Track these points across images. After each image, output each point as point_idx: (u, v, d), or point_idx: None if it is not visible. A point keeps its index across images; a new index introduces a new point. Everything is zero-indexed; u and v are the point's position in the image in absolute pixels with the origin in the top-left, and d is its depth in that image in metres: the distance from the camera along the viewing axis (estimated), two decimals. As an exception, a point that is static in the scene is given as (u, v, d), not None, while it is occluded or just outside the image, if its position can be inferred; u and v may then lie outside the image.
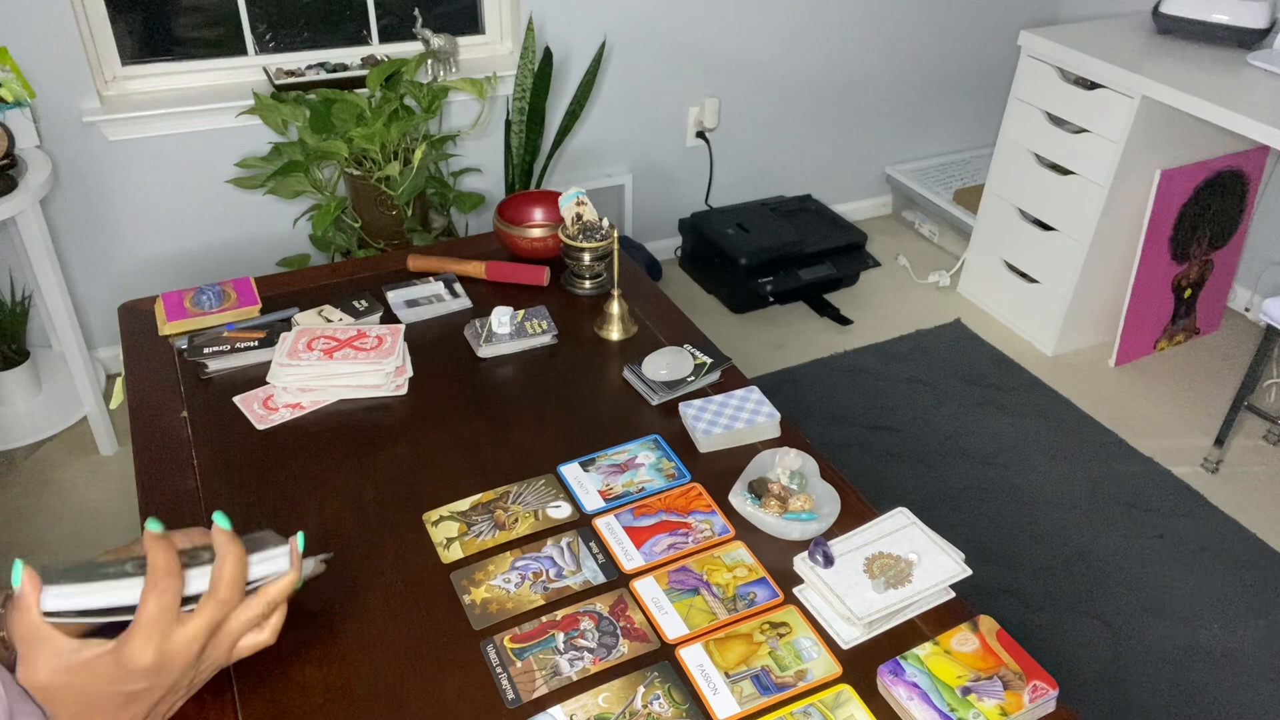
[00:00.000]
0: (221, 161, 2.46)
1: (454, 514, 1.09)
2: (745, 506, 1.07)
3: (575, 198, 1.48)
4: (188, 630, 0.72)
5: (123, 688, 0.71)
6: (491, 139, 2.75)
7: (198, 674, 0.76)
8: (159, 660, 0.71)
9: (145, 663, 0.70)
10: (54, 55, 2.19)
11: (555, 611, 0.97)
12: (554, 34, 2.70)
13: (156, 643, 0.71)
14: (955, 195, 3.26)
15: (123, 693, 0.72)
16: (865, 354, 2.80)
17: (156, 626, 0.71)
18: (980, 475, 2.35)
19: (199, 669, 0.76)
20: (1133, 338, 2.78)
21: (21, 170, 2.05)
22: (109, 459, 2.35)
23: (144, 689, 0.72)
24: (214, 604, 0.74)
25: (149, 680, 0.72)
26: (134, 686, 0.71)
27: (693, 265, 3.16)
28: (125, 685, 0.71)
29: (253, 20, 2.46)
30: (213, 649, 0.75)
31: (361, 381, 1.26)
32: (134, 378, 1.30)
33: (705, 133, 3.08)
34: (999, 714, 0.87)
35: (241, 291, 1.44)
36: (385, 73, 2.23)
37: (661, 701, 0.89)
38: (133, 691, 0.72)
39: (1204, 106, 2.25)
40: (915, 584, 0.98)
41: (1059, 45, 2.61)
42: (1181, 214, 2.68)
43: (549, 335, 1.39)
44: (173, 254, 2.54)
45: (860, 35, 3.16)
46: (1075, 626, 1.97)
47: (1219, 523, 2.23)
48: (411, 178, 2.21)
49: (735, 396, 1.25)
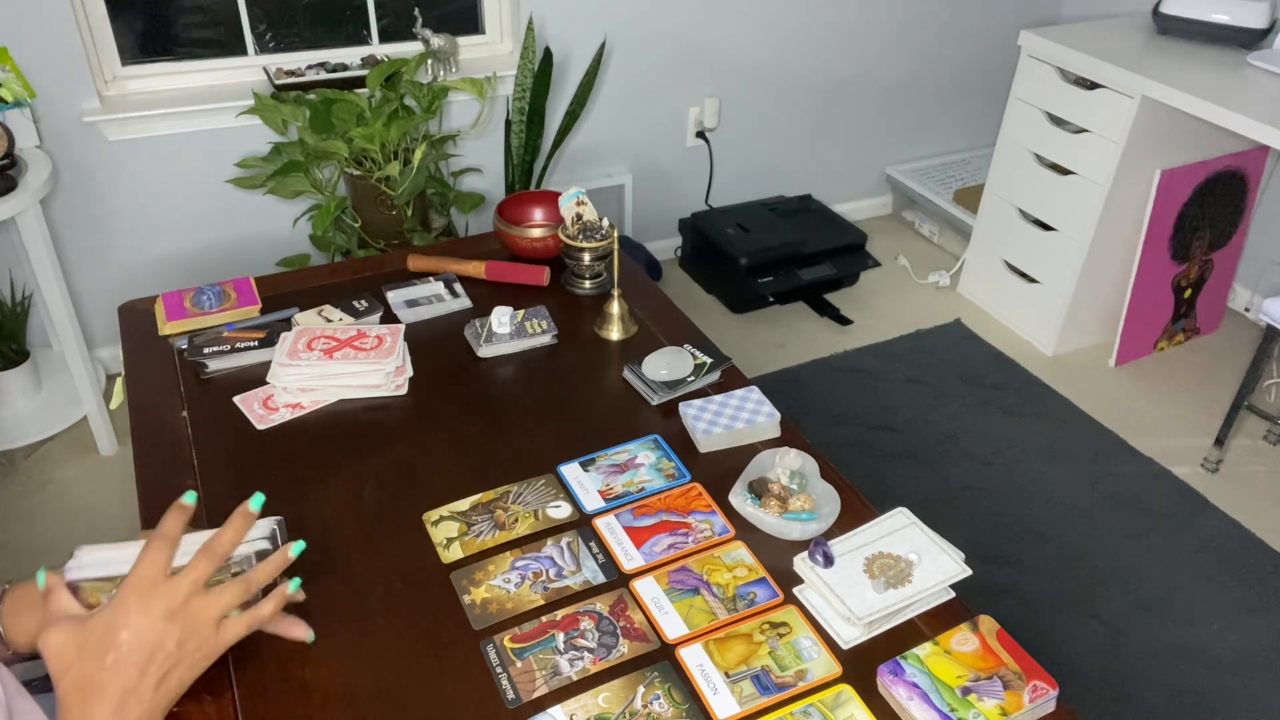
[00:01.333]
0: (221, 161, 2.46)
1: (454, 514, 1.09)
2: (745, 506, 1.07)
3: (575, 198, 1.48)
4: (172, 581, 0.79)
5: (113, 639, 0.75)
6: (491, 139, 2.75)
7: (186, 640, 0.78)
8: (142, 603, 0.77)
9: (129, 605, 0.76)
10: (54, 55, 2.19)
11: (555, 611, 0.97)
12: (554, 34, 2.70)
13: (145, 588, 0.77)
14: (955, 195, 3.26)
15: (113, 646, 0.75)
16: (865, 354, 2.80)
17: (145, 578, 0.77)
18: (980, 475, 2.35)
19: (185, 630, 0.78)
20: (1133, 338, 2.78)
21: (21, 170, 2.05)
22: (109, 459, 2.35)
23: (132, 639, 0.76)
24: (203, 555, 0.80)
25: (134, 627, 0.76)
26: (122, 636, 0.75)
27: (693, 265, 3.16)
28: (115, 635, 0.75)
29: (253, 20, 2.46)
30: (199, 610, 0.79)
31: (361, 381, 1.26)
32: (134, 378, 1.30)
33: (705, 133, 3.08)
34: (999, 714, 0.87)
35: (241, 291, 1.44)
36: (385, 73, 2.23)
37: (661, 701, 0.89)
38: (122, 644, 0.75)
39: (1204, 106, 2.25)
40: (915, 584, 0.98)
41: (1059, 45, 2.61)
42: (1181, 214, 2.68)
43: (549, 335, 1.39)
44: (173, 254, 2.54)
45: (860, 35, 3.16)
46: (1075, 626, 1.97)
47: (1219, 523, 2.23)
48: (411, 178, 2.21)
49: (735, 396, 1.25)
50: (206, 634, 0.80)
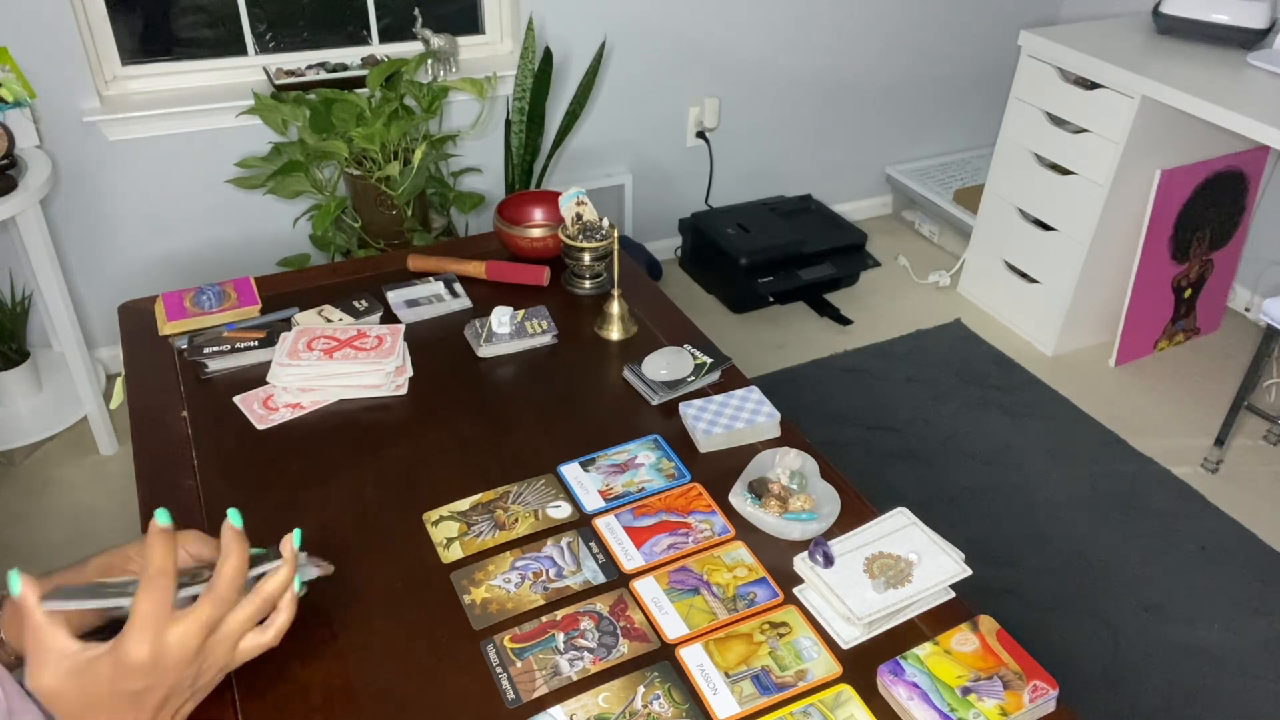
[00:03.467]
0: (221, 161, 2.46)
1: (454, 514, 1.09)
2: (745, 506, 1.07)
3: (575, 198, 1.48)
4: (183, 626, 0.72)
5: (123, 686, 0.71)
6: (491, 139, 2.75)
7: (200, 675, 0.76)
8: (154, 655, 0.71)
9: (141, 658, 0.70)
10: (54, 55, 2.19)
11: (555, 611, 0.97)
12: (554, 34, 2.70)
13: (151, 638, 0.71)
14: (955, 195, 3.26)
15: (124, 693, 0.72)
16: (865, 354, 2.80)
17: (151, 622, 0.71)
18: (980, 475, 2.35)
19: (201, 669, 0.75)
20: (1133, 338, 2.78)
21: (21, 170, 2.05)
22: (109, 459, 2.35)
23: (143, 688, 0.72)
24: (211, 600, 0.74)
25: (147, 678, 0.72)
26: (133, 685, 0.71)
27: (693, 265, 3.16)
28: (125, 684, 0.71)
29: (253, 20, 2.46)
30: (213, 648, 0.75)
31: (361, 381, 1.26)
32: (134, 378, 1.30)
33: (705, 133, 3.08)
34: (999, 714, 0.87)
35: (241, 291, 1.44)
36: (385, 73, 2.23)
37: (661, 701, 0.89)
38: (133, 691, 0.72)
39: (1204, 106, 2.25)
40: (915, 584, 0.98)
41: (1059, 45, 2.61)
42: (1181, 214, 2.68)
43: (549, 335, 1.39)
44: (173, 254, 2.54)
45: (860, 35, 3.16)
46: (1075, 626, 1.97)
47: (1219, 523, 2.23)
48: (411, 178, 2.21)
49: (735, 396, 1.25)
50: (224, 663, 0.78)
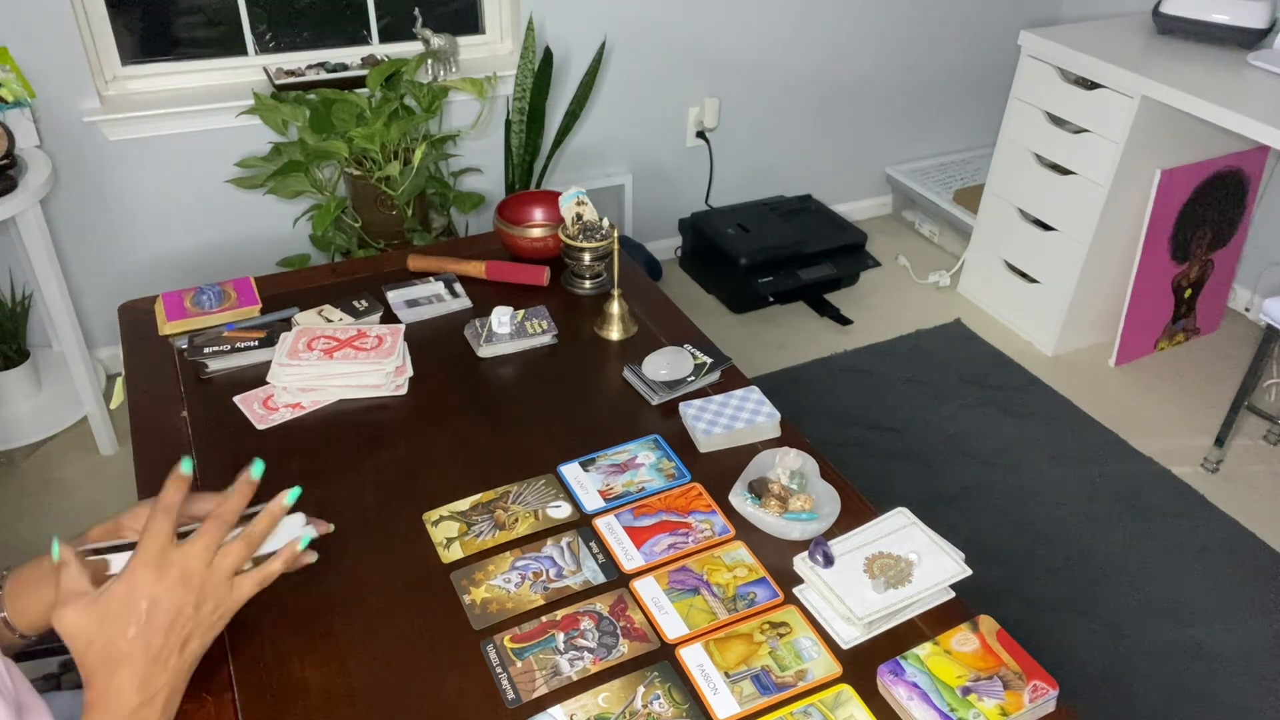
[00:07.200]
0: (221, 161, 2.46)
1: (454, 514, 1.09)
2: (745, 506, 1.07)
3: (575, 198, 1.48)
4: (187, 544, 0.79)
5: (132, 608, 0.76)
6: (491, 139, 2.75)
7: (201, 603, 0.79)
8: (159, 570, 0.77)
9: (148, 571, 0.77)
10: (54, 55, 2.19)
11: (555, 611, 0.97)
12: (554, 34, 2.70)
13: (156, 553, 0.78)
14: (955, 195, 3.26)
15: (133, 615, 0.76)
16: (865, 354, 2.80)
17: (154, 541, 0.78)
18: (980, 475, 2.35)
19: (201, 598, 0.79)
20: (1133, 338, 2.78)
21: (21, 170, 2.05)
22: (109, 459, 2.35)
23: (150, 603, 0.76)
24: (213, 519, 0.81)
25: (152, 592, 0.77)
26: (141, 602, 0.76)
27: (693, 265, 3.16)
28: (134, 604, 0.76)
29: (253, 20, 2.46)
30: (209, 577, 0.80)
31: (361, 381, 1.26)
32: (134, 378, 1.30)
33: (705, 133, 3.08)
34: (999, 714, 0.87)
35: (241, 291, 1.44)
36: (385, 73, 2.23)
37: (661, 701, 0.89)
38: (142, 610, 0.76)
39: (1204, 106, 2.25)
40: (915, 584, 0.98)
41: (1059, 45, 2.61)
42: (1181, 214, 2.68)
43: (549, 335, 1.39)
44: (173, 254, 2.54)
45: (860, 35, 3.16)
46: (1075, 626, 1.97)
47: (1219, 523, 2.23)
48: (411, 178, 2.21)
49: (735, 396, 1.25)
50: (222, 594, 0.81)
